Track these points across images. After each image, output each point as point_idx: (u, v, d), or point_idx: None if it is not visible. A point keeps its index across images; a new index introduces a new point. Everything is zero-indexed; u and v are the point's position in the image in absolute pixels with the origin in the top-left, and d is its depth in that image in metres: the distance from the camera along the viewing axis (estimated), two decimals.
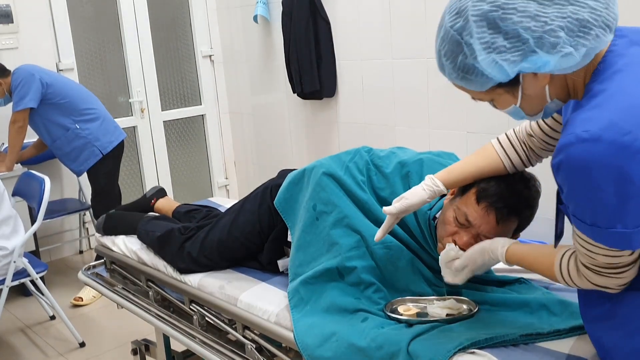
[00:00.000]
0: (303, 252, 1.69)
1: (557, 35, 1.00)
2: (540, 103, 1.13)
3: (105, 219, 2.43)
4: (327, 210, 1.68)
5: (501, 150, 1.49)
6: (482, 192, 1.47)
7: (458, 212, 1.49)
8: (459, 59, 1.08)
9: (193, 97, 4.87)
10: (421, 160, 1.75)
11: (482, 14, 1.03)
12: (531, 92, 1.10)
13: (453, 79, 1.13)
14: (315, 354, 1.47)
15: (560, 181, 1.06)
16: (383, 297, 1.58)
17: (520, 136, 1.48)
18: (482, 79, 1.08)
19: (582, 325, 1.33)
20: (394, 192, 1.71)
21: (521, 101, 1.12)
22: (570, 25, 1.01)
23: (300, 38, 3.80)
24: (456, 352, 1.28)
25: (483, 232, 1.47)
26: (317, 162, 1.80)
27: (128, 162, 4.47)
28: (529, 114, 1.15)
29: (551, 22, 1.00)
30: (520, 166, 1.49)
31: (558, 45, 1.01)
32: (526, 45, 1.02)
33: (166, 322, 2.04)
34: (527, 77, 1.08)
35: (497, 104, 1.16)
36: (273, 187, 1.97)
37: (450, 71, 1.12)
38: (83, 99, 3.61)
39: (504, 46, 1.03)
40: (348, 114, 3.90)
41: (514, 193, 1.47)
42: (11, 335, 3.26)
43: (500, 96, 1.13)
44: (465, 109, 3.21)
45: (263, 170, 4.74)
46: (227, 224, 2.01)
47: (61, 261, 4.29)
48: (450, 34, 1.09)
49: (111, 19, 4.35)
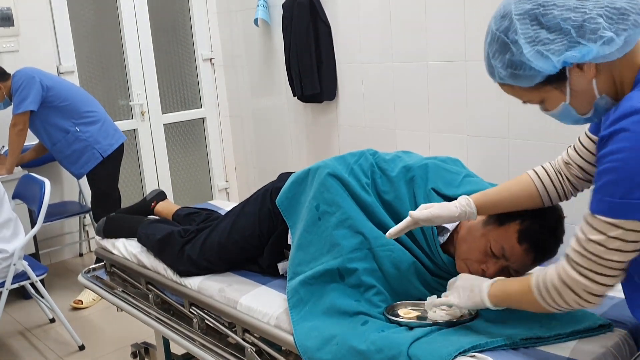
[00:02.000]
0: (303, 252, 1.69)
1: (597, 22, 1.07)
2: (590, 99, 1.16)
3: (106, 222, 2.43)
4: (330, 211, 1.67)
5: (538, 180, 1.50)
6: (525, 233, 1.49)
7: (494, 244, 1.51)
8: (507, 57, 1.15)
9: (193, 100, 4.87)
10: (426, 165, 1.76)
11: (524, 12, 1.12)
12: (579, 88, 1.14)
13: (503, 77, 1.18)
14: (315, 357, 1.46)
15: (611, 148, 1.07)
16: (383, 300, 1.57)
17: (556, 167, 1.49)
18: (530, 72, 1.13)
19: (582, 329, 1.34)
20: (398, 196, 1.71)
21: (570, 98, 1.16)
22: (608, 13, 1.07)
23: (300, 41, 3.80)
24: (457, 356, 1.28)
25: (514, 267, 1.52)
26: (322, 163, 1.80)
27: (128, 165, 4.47)
28: (580, 112, 1.18)
29: (590, 11, 1.07)
30: (555, 198, 1.49)
31: (598, 31, 1.07)
32: (568, 36, 1.09)
33: (166, 325, 2.04)
34: (574, 72, 1.12)
35: (547, 104, 1.20)
36: (273, 190, 1.97)
37: (499, 71, 1.17)
38: (83, 102, 3.61)
39: (547, 38, 1.10)
40: (348, 117, 3.90)
41: (552, 234, 1.51)
42: (11, 338, 3.26)
43: (550, 93, 1.17)
44: (465, 112, 3.22)
45: (263, 173, 4.74)
46: (227, 226, 2.00)
47: (61, 264, 4.29)
48: (497, 35, 1.16)
49: (112, 22, 4.36)
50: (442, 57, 3.26)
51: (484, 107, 3.13)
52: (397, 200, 1.70)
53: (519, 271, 1.52)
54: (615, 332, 1.35)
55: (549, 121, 2.95)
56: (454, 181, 1.76)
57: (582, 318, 1.38)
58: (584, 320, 1.37)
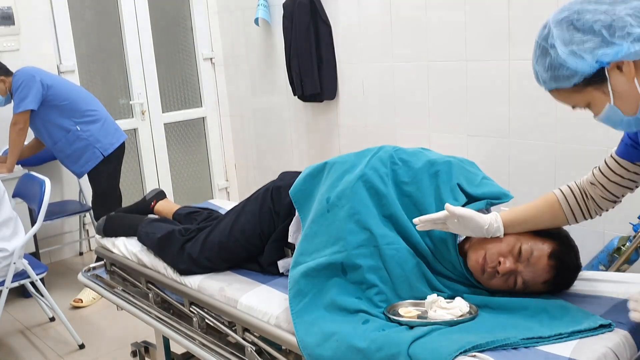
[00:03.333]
0: (308, 242, 1.69)
1: (624, 20, 1.14)
2: (635, 99, 1.20)
3: (106, 221, 2.43)
4: (340, 205, 1.67)
5: (564, 200, 1.54)
6: (559, 254, 1.53)
7: (526, 247, 1.53)
8: (547, 61, 1.22)
9: (194, 100, 4.87)
10: (450, 162, 1.76)
11: (560, 20, 1.21)
12: (621, 88, 1.19)
13: (545, 81, 1.25)
14: (315, 353, 1.46)
15: None
16: (384, 300, 1.57)
17: (581, 186, 1.53)
18: (568, 72, 1.20)
19: (583, 329, 1.34)
20: (420, 188, 1.71)
21: (614, 99, 1.20)
22: (637, 14, 1.14)
23: (301, 41, 3.80)
24: (457, 356, 1.28)
25: (524, 275, 1.53)
26: (340, 158, 1.83)
27: (129, 164, 4.47)
28: (628, 112, 1.22)
29: (619, 12, 1.15)
30: (580, 217, 1.54)
31: (626, 29, 1.13)
32: (599, 36, 1.15)
33: (166, 324, 2.04)
34: (613, 72, 1.18)
35: (593, 107, 1.25)
36: (274, 189, 1.97)
37: (542, 74, 1.25)
38: (84, 101, 3.61)
39: (581, 39, 1.17)
40: (349, 117, 3.90)
41: (575, 272, 1.57)
42: (11, 337, 3.26)
43: (593, 95, 1.22)
44: (465, 112, 3.22)
45: (263, 172, 4.74)
46: (228, 225, 2.00)
47: (61, 263, 4.29)
48: (539, 44, 1.25)
49: (112, 21, 4.36)
50: (443, 57, 3.26)
51: (485, 106, 3.13)
52: (418, 192, 1.70)
53: (526, 283, 1.53)
54: (615, 332, 1.35)
55: (549, 121, 2.96)
56: (474, 180, 1.77)
57: (582, 318, 1.38)
58: (585, 320, 1.37)
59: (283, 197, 1.95)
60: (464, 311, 1.49)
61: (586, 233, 1.39)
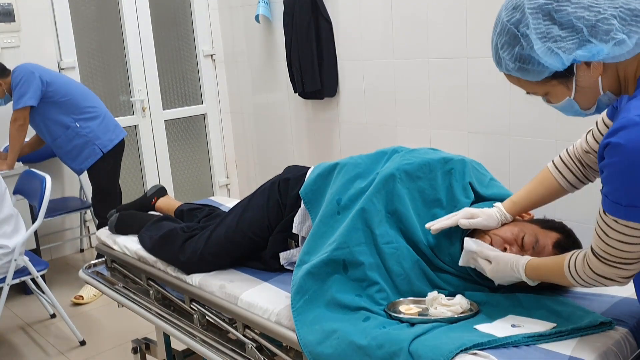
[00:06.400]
0: (314, 241, 1.69)
1: (610, 23, 1.07)
2: (594, 95, 1.17)
3: (118, 219, 2.42)
4: (349, 206, 1.69)
5: (556, 171, 1.55)
6: (563, 243, 1.55)
7: (529, 235, 1.55)
8: (516, 50, 1.14)
9: (194, 96, 4.87)
10: (464, 160, 1.78)
11: (537, 7, 1.10)
12: (585, 84, 1.15)
13: (510, 70, 1.18)
14: (316, 351, 1.46)
15: (607, 161, 1.10)
16: (385, 298, 1.57)
17: (576, 154, 1.53)
18: (539, 68, 1.13)
19: (584, 327, 1.34)
20: (433, 185, 1.72)
21: (575, 93, 1.16)
22: (622, 15, 1.07)
23: (301, 38, 3.80)
24: (458, 353, 1.28)
25: None
26: (350, 159, 1.84)
27: (129, 160, 4.47)
28: (583, 107, 1.20)
29: (604, 11, 1.07)
30: (577, 184, 1.55)
31: (611, 32, 1.06)
32: (580, 34, 1.08)
33: (167, 321, 2.04)
34: (581, 68, 1.13)
35: (552, 97, 1.21)
36: (281, 181, 1.98)
37: (507, 63, 1.17)
38: (83, 97, 3.61)
39: (559, 35, 1.10)
40: (349, 114, 3.90)
41: None
42: (12, 333, 3.26)
43: (555, 88, 1.18)
44: (466, 109, 3.21)
45: (264, 169, 4.74)
46: (234, 219, 2.01)
47: (62, 259, 4.29)
48: (507, 27, 1.15)
49: (113, 17, 4.35)
50: (444, 54, 3.25)
51: (485, 104, 3.13)
52: (431, 189, 1.71)
53: None
54: (616, 330, 1.35)
55: (550, 118, 2.95)
56: (483, 180, 1.80)
57: (583, 316, 1.38)
58: (586, 318, 1.37)
59: (290, 189, 1.96)
60: (465, 308, 1.49)
61: (586, 230, 1.39)
